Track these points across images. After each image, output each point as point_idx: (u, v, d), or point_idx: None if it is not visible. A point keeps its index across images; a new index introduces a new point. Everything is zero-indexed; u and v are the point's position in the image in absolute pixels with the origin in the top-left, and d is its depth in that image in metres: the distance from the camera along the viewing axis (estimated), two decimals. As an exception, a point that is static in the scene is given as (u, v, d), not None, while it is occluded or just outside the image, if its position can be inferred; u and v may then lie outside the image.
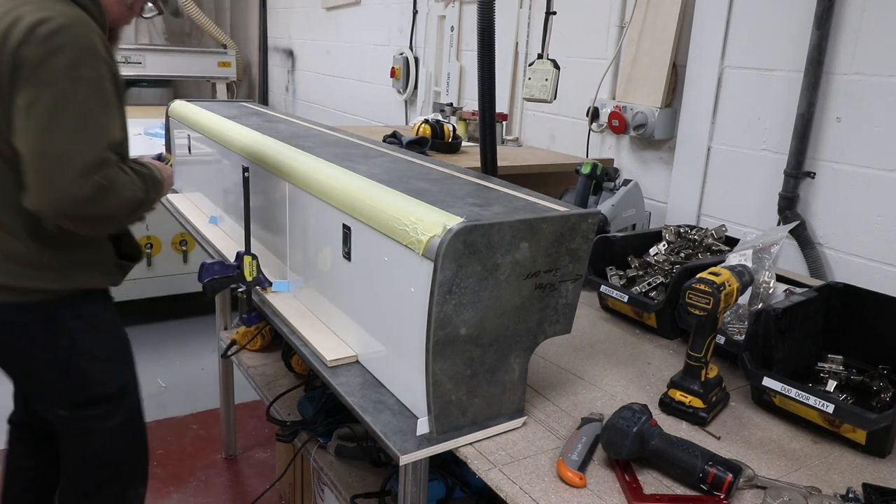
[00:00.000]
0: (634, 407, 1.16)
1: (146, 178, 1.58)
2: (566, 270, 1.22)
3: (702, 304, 1.26)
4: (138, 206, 1.56)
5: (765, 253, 1.60)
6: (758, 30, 2.19)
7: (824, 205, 2.06)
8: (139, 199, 1.55)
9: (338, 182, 1.40)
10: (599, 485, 1.11)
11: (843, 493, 1.10)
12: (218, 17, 6.79)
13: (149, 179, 1.59)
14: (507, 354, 1.20)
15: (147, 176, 1.59)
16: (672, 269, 1.83)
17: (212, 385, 3.15)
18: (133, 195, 1.52)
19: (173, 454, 2.87)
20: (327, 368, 1.35)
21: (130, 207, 1.54)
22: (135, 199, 1.53)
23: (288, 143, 1.73)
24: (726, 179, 2.34)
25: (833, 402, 1.21)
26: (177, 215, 2.38)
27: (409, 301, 1.16)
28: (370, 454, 1.81)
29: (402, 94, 4.21)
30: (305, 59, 5.66)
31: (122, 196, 1.49)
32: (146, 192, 1.57)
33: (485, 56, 1.80)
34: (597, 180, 2.27)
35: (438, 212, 1.14)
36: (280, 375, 2.25)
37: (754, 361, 1.34)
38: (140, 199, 1.55)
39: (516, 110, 3.32)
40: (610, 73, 2.69)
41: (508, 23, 3.21)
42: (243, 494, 2.67)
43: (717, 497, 1.07)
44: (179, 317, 4.11)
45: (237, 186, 1.88)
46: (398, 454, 1.11)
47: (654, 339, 1.68)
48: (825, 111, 2.03)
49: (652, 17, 2.53)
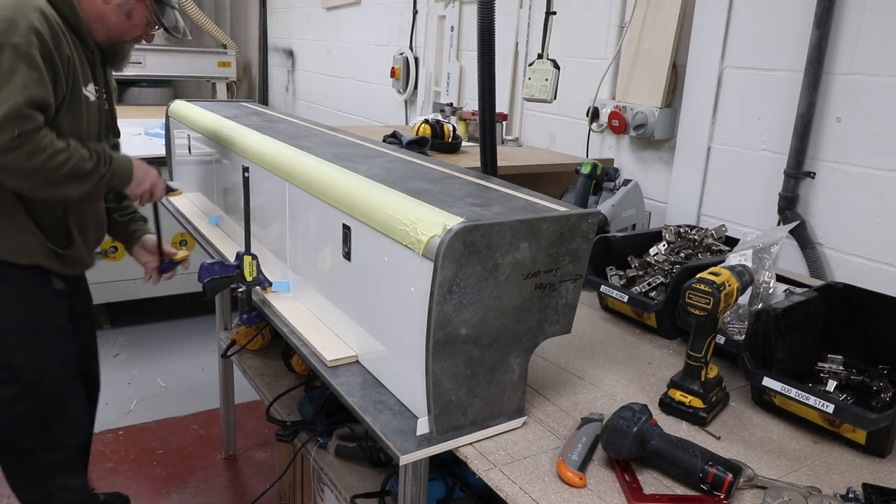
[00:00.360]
0: (634, 407, 1.16)
1: (101, 154, 1.70)
2: (566, 270, 1.22)
3: (702, 304, 1.26)
4: (80, 175, 1.65)
5: (765, 253, 1.60)
6: (758, 30, 2.19)
7: (824, 205, 2.06)
8: (82, 168, 1.64)
9: (338, 182, 1.40)
10: (599, 485, 1.11)
11: (843, 493, 1.10)
12: (218, 17, 6.79)
13: (104, 156, 1.71)
14: (507, 354, 1.20)
15: (104, 153, 1.71)
16: (672, 269, 1.83)
17: (212, 385, 3.15)
18: (67, 160, 1.61)
19: (173, 454, 2.87)
20: (327, 368, 1.35)
21: (65, 171, 1.61)
22: (71, 166, 1.62)
23: (288, 143, 1.73)
24: (726, 179, 2.34)
25: (833, 402, 1.21)
26: (177, 215, 2.38)
27: (409, 301, 1.16)
28: (370, 454, 1.80)
29: (402, 94, 4.21)
30: (305, 59, 5.66)
31: (48, 155, 1.57)
32: (95, 164, 1.67)
33: (485, 56, 1.80)
34: (597, 180, 2.27)
35: (438, 212, 1.14)
36: (280, 375, 2.25)
37: (754, 361, 1.34)
38: (85, 169, 1.65)
39: (516, 110, 3.32)
40: (610, 73, 2.69)
41: (508, 23, 3.21)
42: (243, 494, 2.67)
43: (717, 497, 1.07)
44: (179, 317, 4.11)
45: (237, 186, 1.88)
46: (398, 454, 1.11)
47: (654, 339, 1.68)
48: (825, 111, 2.03)
49: (652, 17, 2.53)
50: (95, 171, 1.69)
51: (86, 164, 1.66)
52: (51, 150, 1.58)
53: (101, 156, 1.71)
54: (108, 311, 4.03)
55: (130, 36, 1.79)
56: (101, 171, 1.70)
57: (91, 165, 1.67)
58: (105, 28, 1.74)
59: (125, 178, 1.79)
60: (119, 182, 1.79)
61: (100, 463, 2.76)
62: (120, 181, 1.79)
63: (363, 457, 1.82)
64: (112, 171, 1.73)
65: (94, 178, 1.69)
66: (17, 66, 1.52)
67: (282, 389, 2.12)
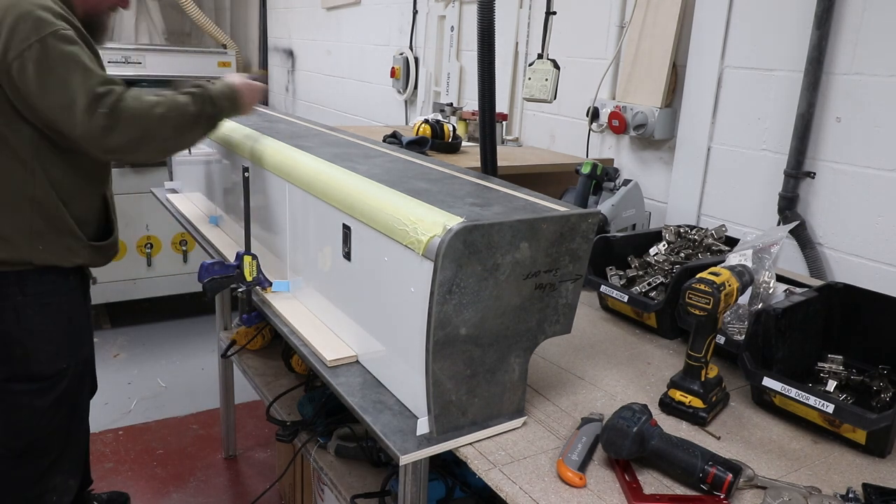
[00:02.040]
0: (634, 407, 1.16)
1: (200, 93, 1.67)
2: (566, 270, 1.22)
3: (702, 304, 1.26)
4: (187, 122, 1.64)
5: (765, 253, 1.60)
6: (758, 30, 2.19)
7: (824, 205, 2.06)
8: (185, 114, 1.63)
9: (338, 182, 1.40)
10: (599, 485, 1.11)
11: (843, 493, 1.10)
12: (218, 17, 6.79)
13: (204, 94, 1.68)
14: (507, 354, 1.20)
15: (202, 91, 1.68)
16: (672, 269, 1.83)
17: (212, 385, 3.16)
18: (165, 113, 1.60)
19: (173, 454, 2.87)
20: (327, 368, 1.35)
21: (171, 126, 1.62)
22: (173, 117, 1.61)
23: (288, 143, 1.73)
24: (726, 179, 2.34)
25: (833, 402, 1.21)
26: (177, 215, 2.38)
27: (409, 301, 1.16)
28: (370, 454, 1.80)
29: (402, 94, 4.21)
30: (305, 59, 5.66)
31: (145, 118, 1.57)
32: (199, 107, 1.65)
33: (485, 56, 1.80)
34: (597, 180, 2.27)
35: (438, 212, 1.14)
36: (280, 375, 2.25)
37: (754, 361, 1.34)
38: (189, 113, 1.63)
39: (516, 110, 3.32)
40: (610, 73, 2.69)
41: (508, 23, 3.21)
42: (243, 494, 2.67)
43: (717, 497, 1.07)
44: (179, 317, 4.11)
45: (237, 186, 1.88)
46: (398, 454, 1.11)
47: (654, 339, 1.68)
48: (825, 111, 2.03)
49: (652, 17, 2.53)
50: (201, 113, 1.67)
51: (188, 109, 1.64)
52: (145, 111, 1.58)
53: (202, 95, 1.68)
54: (108, 311, 4.03)
55: (106, 5, 1.78)
56: (207, 110, 1.68)
57: (194, 108, 1.65)
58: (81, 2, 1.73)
59: (234, 104, 1.75)
60: (231, 111, 1.75)
61: (100, 463, 2.76)
62: (230, 111, 1.75)
63: (363, 457, 1.82)
64: (217, 105, 1.70)
65: (201, 119, 1.68)
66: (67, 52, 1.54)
67: (282, 389, 2.12)
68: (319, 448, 1.87)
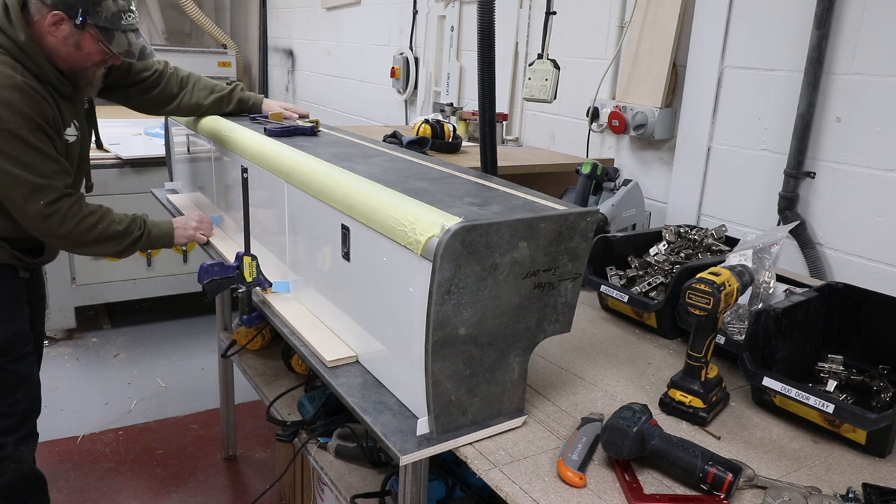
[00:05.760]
0: (634, 407, 1.16)
1: (135, 217, 1.91)
2: (565, 269, 1.21)
3: (702, 304, 1.26)
4: (112, 236, 1.85)
5: (765, 253, 1.60)
6: (758, 30, 2.19)
7: (824, 205, 2.06)
8: (113, 230, 1.84)
9: (337, 182, 1.40)
10: (599, 485, 1.11)
11: (843, 493, 1.10)
12: (218, 17, 6.80)
13: (138, 219, 1.91)
14: (506, 354, 1.20)
15: (138, 217, 1.92)
16: (672, 269, 1.83)
17: (212, 385, 3.16)
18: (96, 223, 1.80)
19: (173, 454, 2.87)
20: (327, 369, 1.35)
21: (96, 234, 1.80)
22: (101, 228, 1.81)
23: (287, 143, 1.73)
24: (726, 179, 2.34)
25: (833, 402, 1.21)
26: (176, 215, 2.38)
27: (408, 301, 1.15)
28: (370, 454, 1.80)
29: (402, 94, 4.21)
30: (305, 59, 5.67)
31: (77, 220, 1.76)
32: (127, 227, 1.87)
33: (485, 56, 1.80)
34: (597, 180, 2.27)
35: (437, 212, 1.14)
36: (280, 375, 2.25)
37: (754, 361, 1.34)
38: (117, 230, 1.85)
39: (516, 110, 3.32)
40: (610, 73, 2.69)
41: (508, 23, 3.21)
42: (243, 494, 2.67)
43: (717, 497, 1.07)
44: (179, 317, 4.11)
45: (237, 186, 1.88)
46: (398, 454, 1.11)
47: (654, 339, 1.68)
48: (825, 111, 2.03)
49: (652, 17, 2.53)
50: (127, 233, 1.87)
51: (117, 227, 1.85)
52: (79, 215, 1.77)
53: (135, 218, 1.91)
54: (108, 311, 4.03)
55: (88, 64, 1.78)
56: (135, 233, 1.89)
57: (122, 227, 1.86)
58: (62, 60, 1.75)
59: (165, 238, 1.97)
60: (158, 242, 1.97)
61: (100, 463, 2.76)
62: (158, 242, 1.97)
63: (363, 457, 1.81)
64: (147, 232, 1.92)
65: (127, 238, 1.88)
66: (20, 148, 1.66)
67: (282, 389, 2.12)
68: (319, 448, 1.87)
